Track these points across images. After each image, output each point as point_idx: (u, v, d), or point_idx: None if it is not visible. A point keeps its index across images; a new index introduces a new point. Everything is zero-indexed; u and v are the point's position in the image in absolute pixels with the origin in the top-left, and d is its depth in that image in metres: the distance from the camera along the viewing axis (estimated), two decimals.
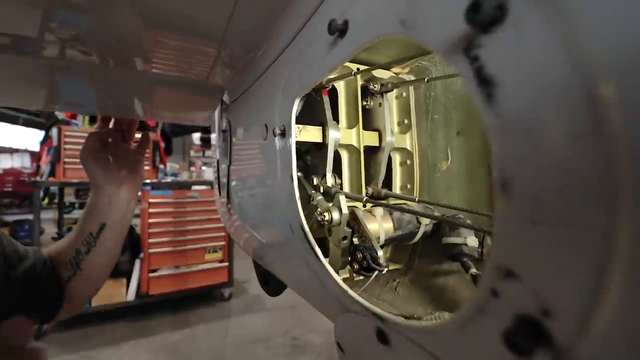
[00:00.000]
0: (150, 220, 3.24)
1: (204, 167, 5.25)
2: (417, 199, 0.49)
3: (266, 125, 0.43)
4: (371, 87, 0.54)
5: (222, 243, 3.59)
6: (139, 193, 3.39)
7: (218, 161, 0.94)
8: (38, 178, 3.75)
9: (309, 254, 0.36)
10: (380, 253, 0.36)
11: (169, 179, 4.19)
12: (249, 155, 0.56)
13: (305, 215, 0.40)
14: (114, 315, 3.17)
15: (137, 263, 3.23)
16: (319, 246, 0.38)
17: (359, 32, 0.25)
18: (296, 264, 0.42)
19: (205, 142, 7.57)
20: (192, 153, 8.13)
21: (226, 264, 3.59)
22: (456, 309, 0.19)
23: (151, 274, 3.24)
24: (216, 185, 0.88)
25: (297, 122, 0.41)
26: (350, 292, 0.30)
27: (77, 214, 4.25)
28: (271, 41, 0.41)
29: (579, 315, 0.13)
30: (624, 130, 0.11)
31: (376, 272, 0.36)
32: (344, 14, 0.26)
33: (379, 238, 0.42)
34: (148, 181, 3.71)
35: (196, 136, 7.79)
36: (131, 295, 3.18)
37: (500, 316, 0.16)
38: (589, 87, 0.12)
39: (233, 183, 0.71)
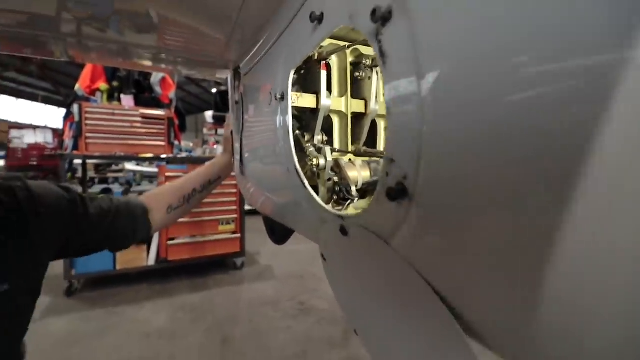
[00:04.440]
0: None
1: (216, 145, 5.38)
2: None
3: (270, 93, 0.54)
4: (364, 62, 0.64)
5: (235, 216, 3.80)
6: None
7: (232, 132, 1.06)
8: (63, 152, 3.95)
9: (300, 188, 0.48)
10: (353, 187, 0.48)
11: (183, 155, 4.35)
12: (257, 120, 0.68)
13: (301, 166, 0.52)
14: (137, 278, 3.45)
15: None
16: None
17: (330, 21, 0.36)
18: (291, 201, 0.54)
19: (218, 120, 7.69)
20: (205, 131, 8.21)
21: (238, 235, 3.81)
22: None
23: (169, 242, 3.47)
24: (236, 157, 1.01)
25: (296, 91, 0.53)
26: (322, 203, 0.42)
27: (97, 188, 4.47)
28: (273, 27, 0.52)
29: (415, 174, 0.25)
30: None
31: (349, 201, 0.48)
32: (320, 8, 0.37)
33: (357, 183, 0.54)
34: (164, 156, 3.89)
35: (209, 114, 7.87)
36: (151, 261, 3.43)
37: (388, 184, 0.28)
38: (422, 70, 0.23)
39: (245, 148, 0.84)
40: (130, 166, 3.83)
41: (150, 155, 3.88)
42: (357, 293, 0.38)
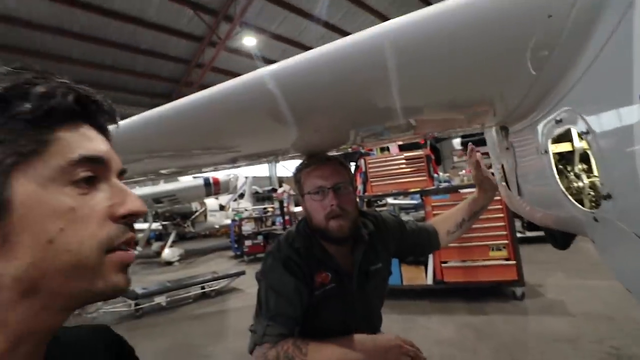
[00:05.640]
0: None
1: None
2: None
3: (537, 148, 0.84)
4: None
5: (506, 241, 3.68)
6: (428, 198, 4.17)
7: (502, 165, 1.37)
8: (358, 193, 5.41)
9: (567, 202, 0.74)
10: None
11: (443, 185, 4.82)
12: (530, 161, 0.97)
13: (566, 186, 0.78)
14: (419, 294, 4.04)
15: (430, 255, 3.97)
16: None
17: (564, 124, 0.66)
18: (563, 211, 0.80)
19: (466, 145, 7.52)
20: (455, 159, 8.16)
21: (513, 262, 3.64)
22: None
23: (443, 264, 3.89)
24: (503, 183, 1.32)
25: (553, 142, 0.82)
26: (582, 208, 0.66)
27: None
28: (528, 113, 0.84)
29: (612, 188, 0.50)
30: None
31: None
32: (561, 117, 0.67)
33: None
34: (428, 189, 4.50)
35: (456, 141, 7.81)
36: (429, 280, 3.96)
37: (603, 194, 0.53)
38: None
39: (520, 178, 1.13)
40: (390, 200, 4.63)
41: (417, 189, 4.62)
42: (618, 254, 0.62)
